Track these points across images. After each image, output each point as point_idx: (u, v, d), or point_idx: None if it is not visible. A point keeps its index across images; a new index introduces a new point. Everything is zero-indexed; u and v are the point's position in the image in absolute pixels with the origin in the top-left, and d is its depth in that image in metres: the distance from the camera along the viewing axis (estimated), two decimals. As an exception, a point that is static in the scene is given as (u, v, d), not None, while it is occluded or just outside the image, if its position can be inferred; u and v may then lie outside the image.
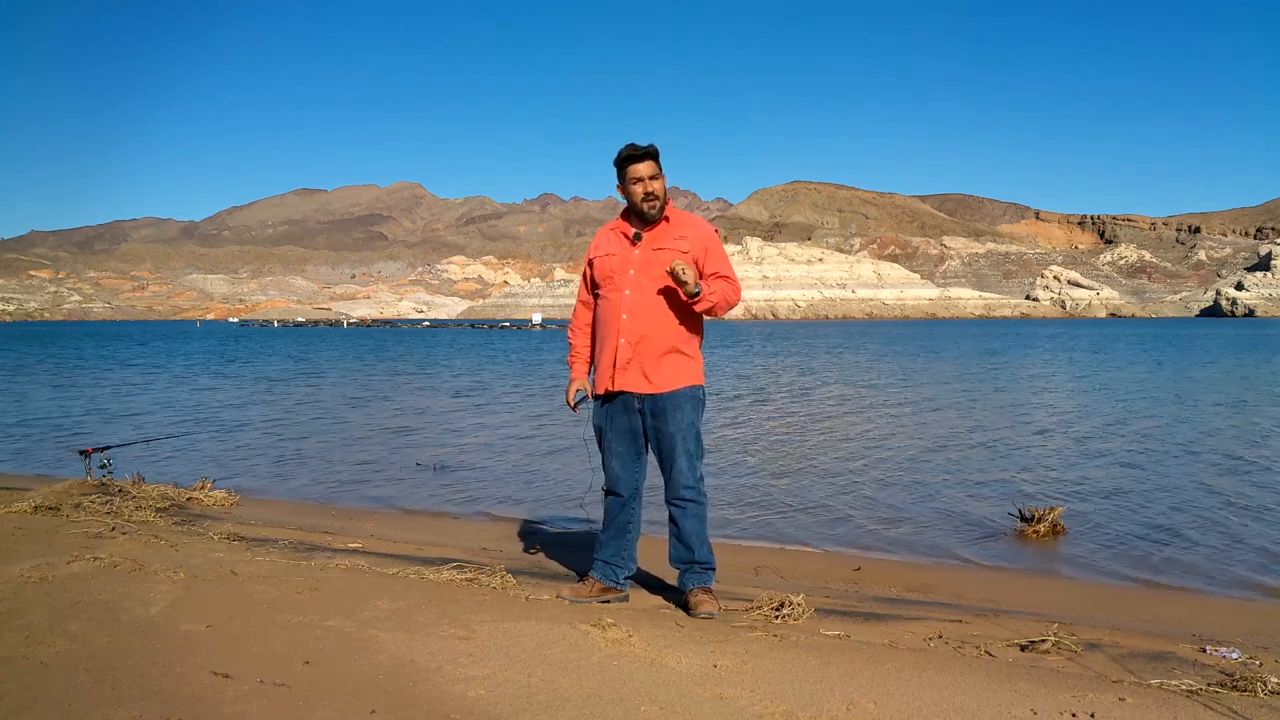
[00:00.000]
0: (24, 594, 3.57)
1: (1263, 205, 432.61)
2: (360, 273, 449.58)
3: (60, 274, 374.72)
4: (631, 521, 3.91)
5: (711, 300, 3.70)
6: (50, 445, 10.71)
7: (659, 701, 2.68)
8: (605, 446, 3.89)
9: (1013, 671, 3.03)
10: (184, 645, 3.04)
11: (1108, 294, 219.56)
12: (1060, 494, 7.43)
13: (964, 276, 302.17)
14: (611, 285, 3.80)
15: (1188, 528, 6.34)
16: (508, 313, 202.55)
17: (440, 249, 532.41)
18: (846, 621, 3.73)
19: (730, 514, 6.75)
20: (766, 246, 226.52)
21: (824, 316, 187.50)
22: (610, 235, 3.89)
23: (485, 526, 6.41)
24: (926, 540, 6.06)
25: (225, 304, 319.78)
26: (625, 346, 3.73)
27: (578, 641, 3.16)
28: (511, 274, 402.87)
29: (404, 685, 2.76)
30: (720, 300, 3.72)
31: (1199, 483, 8.00)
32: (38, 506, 5.51)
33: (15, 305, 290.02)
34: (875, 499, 7.35)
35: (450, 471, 8.79)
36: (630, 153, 3.73)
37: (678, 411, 3.75)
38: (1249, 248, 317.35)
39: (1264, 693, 2.80)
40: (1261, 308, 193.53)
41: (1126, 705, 2.68)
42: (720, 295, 3.72)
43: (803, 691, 2.77)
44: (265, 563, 4.28)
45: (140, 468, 7.35)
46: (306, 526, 5.94)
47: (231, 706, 2.58)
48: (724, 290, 3.73)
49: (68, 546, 4.38)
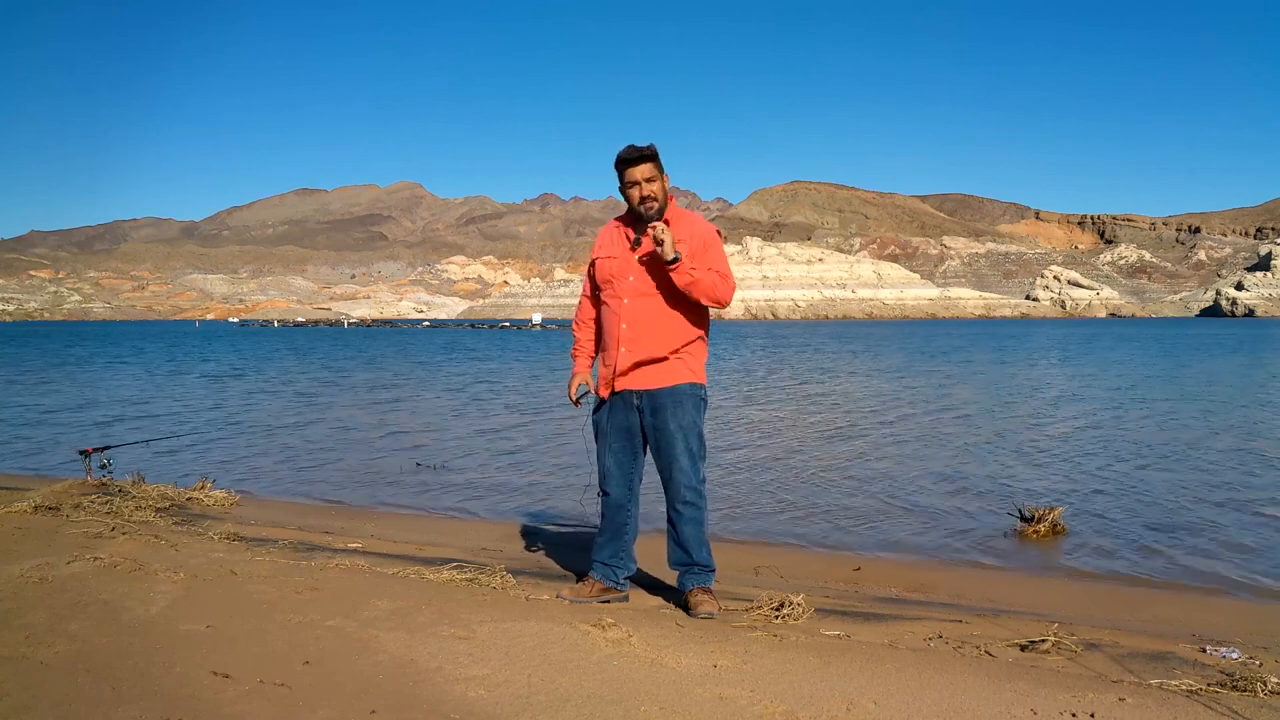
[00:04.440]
0: (24, 594, 3.58)
1: (1263, 205, 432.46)
2: (360, 273, 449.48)
3: (60, 274, 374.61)
4: (628, 522, 3.89)
5: (692, 275, 3.57)
6: (50, 445, 10.71)
7: (659, 701, 2.68)
8: (602, 445, 3.87)
9: (1013, 671, 3.03)
10: (184, 645, 3.04)
11: (1108, 294, 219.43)
12: (1060, 494, 7.43)
13: (964, 276, 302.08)
14: (611, 290, 3.77)
15: (1188, 528, 6.34)
16: (508, 313, 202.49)
17: (440, 249, 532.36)
18: (846, 621, 3.73)
19: (730, 514, 6.75)
20: (766, 246, 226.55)
21: (824, 316, 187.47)
22: (613, 234, 3.86)
23: (485, 526, 6.40)
24: (926, 540, 6.06)
25: (225, 304, 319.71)
26: (626, 355, 3.71)
27: (578, 641, 3.17)
28: (511, 274, 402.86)
29: (404, 685, 2.76)
30: (706, 283, 3.60)
31: (1199, 483, 8.00)
32: (38, 506, 5.52)
33: (15, 305, 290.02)
34: (875, 499, 7.35)
35: (451, 472, 8.79)
36: (628, 155, 3.69)
37: (678, 409, 3.72)
38: (1249, 248, 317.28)
39: (1264, 693, 2.80)
40: (1261, 308, 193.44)
41: (1126, 705, 2.68)
42: (707, 280, 3.60)
43: (803, 691, 2.77)
44: (265, 563, 4.28)
45: (140, 468, 7.35)
46: (306, 526, 5.94)
47: (231, 706, 2.59)
48: (712, 279, 3.62)
49: (68, 546, 4.39)
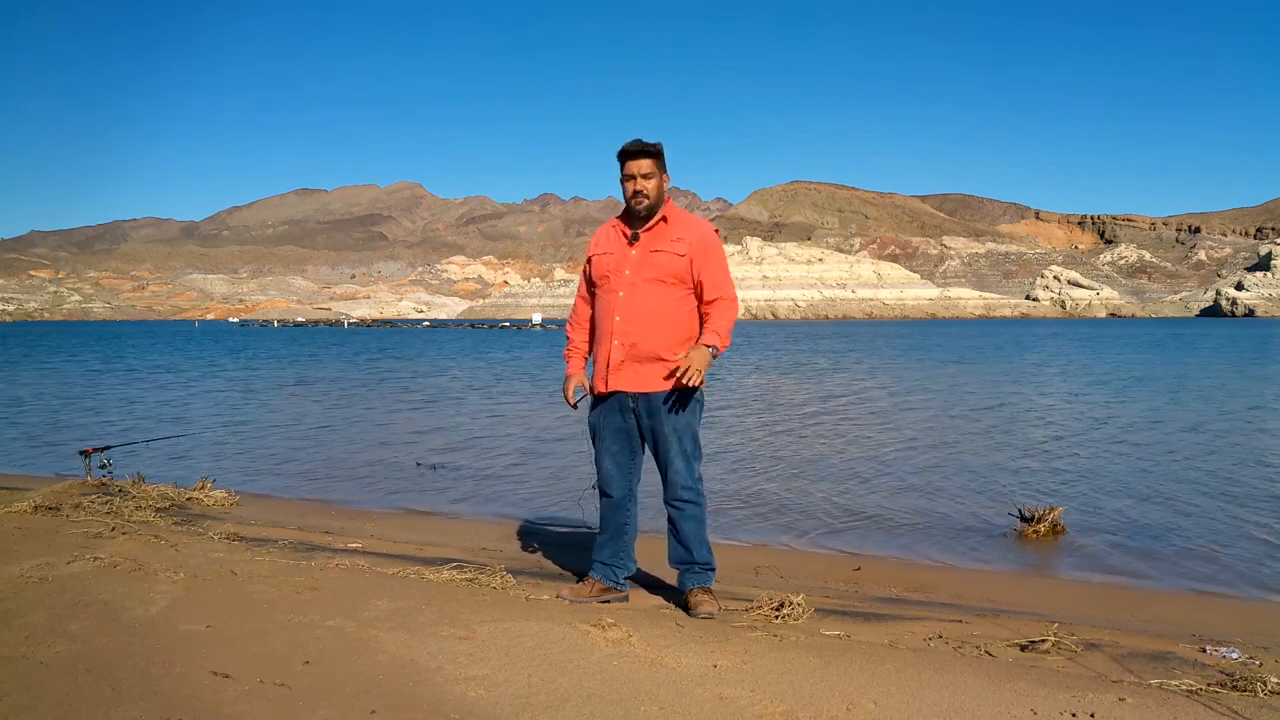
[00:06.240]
0: (24, 594, 3.58)
1: (1263, 205, 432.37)
2: (360, 273, 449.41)
3: (60, 274, 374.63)
4: (628, 522, 3.89)
5: (724, 342, 3.65)
6: (50, 445, 10.70)
7: (659, 701, 2.68)
8: (599, 446, 3.87)
9: (1013, 671, 3.03)
10: (184, 645, 3.04)
11: (1108, 294, 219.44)
12: (1060, 494, 7.43)
13: (964, 276, 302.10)
14: (607, 285, 3.76)
15: (1188, 527, 6.34)
16: (508, 313, 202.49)
17: (440, 249, 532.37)
18: (846, 621, 3.73)
19: (730, 514, 6.75)
20: (766, 246, 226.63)
21: (824, 316, 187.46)
22: (609, 233, 3.85)
23: (485, 526, 6.40)
24: (926, 540, 6.05)
25: (225, 304, 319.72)
26: (619, 348, 3.70)
27: (578, 641, 3.16)
28: (511, 274, 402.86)
29: (404, 685, 2.76)
30: (727, 328, 3.68)
31: (1199, 482, 7.99)
32: (38, 506, 5.52)
33: (15, 305, 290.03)
34: (875, 499, 7.34)
35: (450, 471, 8.79)
36: (630, 147, 3.68)
37: (674, 411, 3.71)
38: (1249, 248, 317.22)
39: (1264, 693, 2.80)
40: (1261, 308, 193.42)
41: (1126, 705, 2.68)
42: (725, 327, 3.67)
43: (803, 691, 2.77)
44: (265, 563, 4.28)
45: (140, 468, 7.35)
46: (306, 526, 5.94)
47: (231, 706, 2.59)
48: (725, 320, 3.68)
49: (68, 546, 4.39)
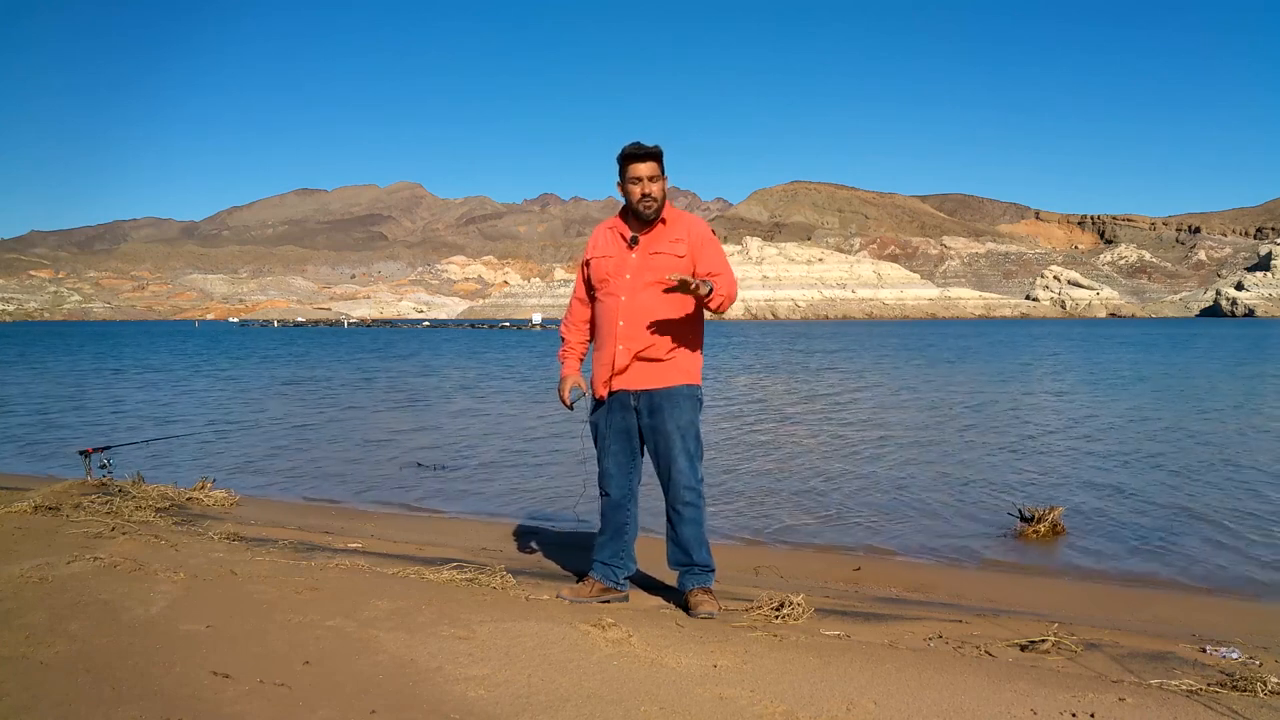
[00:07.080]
0: (24, 594, 3.57)
1: (1263, 205, 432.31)
2: (360, 273, 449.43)
3: (60, 274, 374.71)
4: (628, 522, 3.88)
5: (721, 295, 3.63)
6: (50, 445, 10.71)
7: (659, 701, 2.68)
8: (600, 446, 3.86)
9: (1013, 671, 3.03)
10: (184, 645, 3.04)
11: (1108, 294, 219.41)
12: (1060, 494, 7.43)
13: (964, 276, 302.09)
14: (607, 289, 3.75)
15: (1187, 528, 6.34)
16: (508, 313, 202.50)
17: (440, 249, 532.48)
18: (846, 621, 3.73)
19: (730, 514, 6.75)
20: (766, 246, 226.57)
21: (824, 316, 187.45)
22: (607, 235, 3.84)
23: (485, 526, 6.40)
24: (926, 540, 6.05)
25: (225, 304, 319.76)
26: (623, 353, 3.69)
27: (578, 641, 3.16)
28: (511, 274, 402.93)
29: (404, 685, 2.76)
30: (727, 295, 3.67)
31: (1199, 482, 7.99)
32: (38, 506, 5.52)
33: (15, 305, 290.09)
34: (875, 499, 7.35)
35: (450, 471, 8.79)
36: (633, 150, 3.68)
37: (675, 409, 3.71)
38: (1249, 248, 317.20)
39: (1264, 693, 2.80)
40: (1261, 308, 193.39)
41: (1126, 705, 2.68)
42: (726, 290, 3.67)
43: (803, 691, 2.77)
44: (265, 563, 4.28)
45: (140, 468, 7.34)
46: (306, 526, 5.94)
47: (231, 706, 2.59)
48: (727, 285, 3.68)
49: (68, 546, 4.38)
